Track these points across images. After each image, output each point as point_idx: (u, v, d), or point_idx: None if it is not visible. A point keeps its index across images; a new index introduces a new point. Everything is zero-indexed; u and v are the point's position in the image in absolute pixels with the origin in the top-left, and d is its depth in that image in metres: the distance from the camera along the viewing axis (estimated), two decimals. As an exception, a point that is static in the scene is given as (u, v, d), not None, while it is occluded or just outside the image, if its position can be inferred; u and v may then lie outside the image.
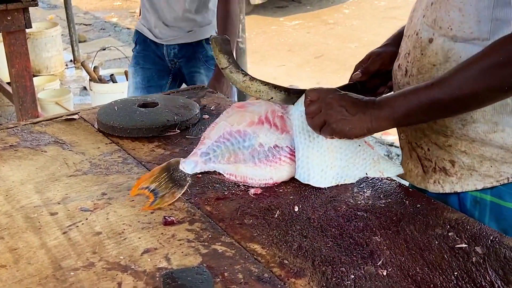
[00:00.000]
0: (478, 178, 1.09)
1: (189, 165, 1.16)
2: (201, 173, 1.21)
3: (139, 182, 1.14)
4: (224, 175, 1.17)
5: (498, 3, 0.97)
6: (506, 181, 1.07)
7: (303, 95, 1.16)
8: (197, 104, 1.60)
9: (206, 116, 1.55)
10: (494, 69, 0.93)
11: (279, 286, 0.86)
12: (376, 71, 1.28)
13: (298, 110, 1.18)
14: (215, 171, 1.19)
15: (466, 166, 1.10)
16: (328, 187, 1.16)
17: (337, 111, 1.06)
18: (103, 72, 3.97)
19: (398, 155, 3.50)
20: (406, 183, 1.24)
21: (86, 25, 7.81)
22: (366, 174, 1.19)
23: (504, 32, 0.97)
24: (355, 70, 1.31)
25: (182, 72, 2.42)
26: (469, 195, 1.11)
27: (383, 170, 1.19)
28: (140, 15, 2.54)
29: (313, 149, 1.16)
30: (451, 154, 1.11)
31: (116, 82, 3.74)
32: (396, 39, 1.28)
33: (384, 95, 1.09)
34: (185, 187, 1.13)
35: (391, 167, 1.18)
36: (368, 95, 1.32)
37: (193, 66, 2.36)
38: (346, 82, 1.32)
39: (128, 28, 7.60)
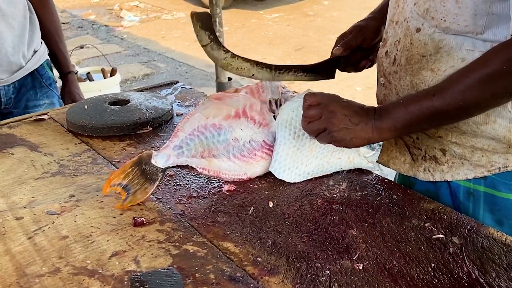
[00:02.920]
0: (469, 167, 1.07)
1: (161, 159, 1.09)
2: (174, 171, 1.18)
3: (111, 179, 1.08)
4: (197, 169, 1.10)
5: None
6: (497, 171, 1.05)
7: (302, 95, 1.11)
8: (170, 100, 1.56)
9: (180, 113, 1.52)
10: (496, 77, 0.90)
11: (252, 285, 0.83)
12: (358, 46, 1.24)
13: (290, 106, 1.14)
14: (188, 166, 1.15)
15: (457, 155, 1.08)
16: (304, 181, 1.13)
17: (340, 120, 1.02)
18: (80, 71, 3.90)
19: (380, 145, 3.48)
20: (389, 173, 1.22)
21: (64, 23, 7.69)
22: (341, 168, 1.17)
23: (499, 27, 0.94)
24: (336, 43, 1.26)
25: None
26: (462, 187, 1.09)
27: (357, 168, 1.18)
28: None
29: (294, 147, 1.13)
30: (441, 144, 1.09)
31: (93, 80, 3.67)
32: (381, 13, 1.24)
33: (384, 104, 1.05)
34: (157, 182, 1.08)
35: (365, 166, 1.18)
36: (350, 69, 1.28)
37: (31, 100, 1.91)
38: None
39: (106, 26, 7.51)
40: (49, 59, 1.99)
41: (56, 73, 2.05)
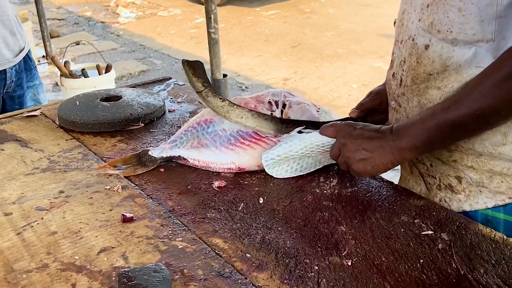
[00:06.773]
0: (488, 195, 1.01)
1: (157, 151, 1.20)
2: (165, 167, 1.18)
3: (110, 163, 1.19)
4: (189, 160, 1.18)
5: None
6: None
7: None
8: (163, 97, 1.56)
9: (172, 109, 1.51)
10: (510, 80, 0.85)
11: (240, 281, 0.83)
12: (373, 108, 1.22)
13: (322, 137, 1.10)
14: (181, 158, 1.19)
15: (474, 182, 1.01)
16: (294, 177, 1.13)
17: (354, 152, 0.99)
18: (75, 67, 3.89)
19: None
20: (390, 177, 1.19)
21: (60, 19, 7.68)
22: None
23: (509, 30, 0.89)
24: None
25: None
26: (479, 214, 1.03)
27: None
28: None
29: (298, 156, 1.12)
30: (456, 170, 1.03)
31: (88, 77, 3.66)
32: None
33: (402, 122, 1.00)
34: (149, 168, 1.17)
35: None
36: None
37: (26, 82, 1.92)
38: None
39: (102, 22, 7.49)
40: None
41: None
